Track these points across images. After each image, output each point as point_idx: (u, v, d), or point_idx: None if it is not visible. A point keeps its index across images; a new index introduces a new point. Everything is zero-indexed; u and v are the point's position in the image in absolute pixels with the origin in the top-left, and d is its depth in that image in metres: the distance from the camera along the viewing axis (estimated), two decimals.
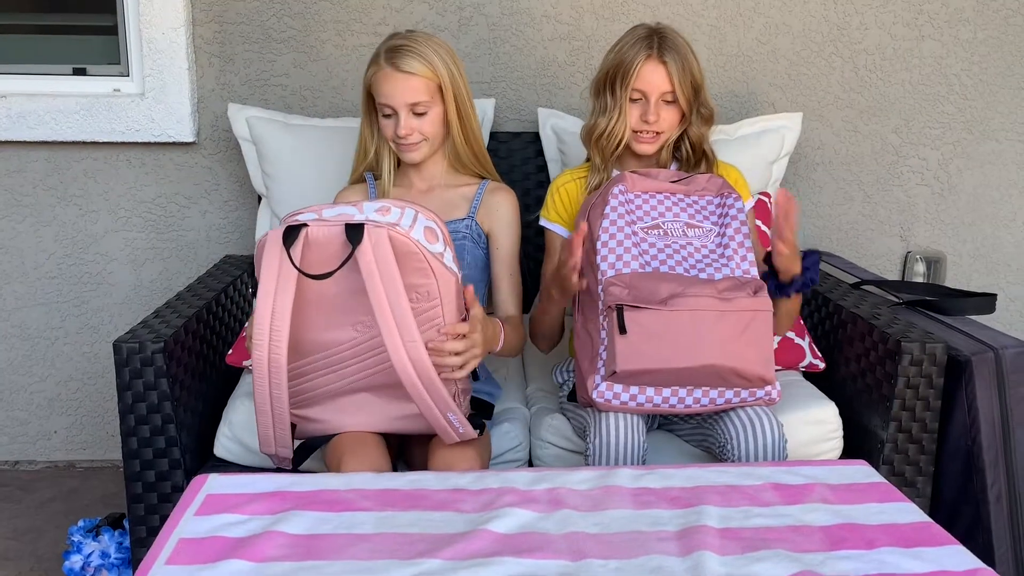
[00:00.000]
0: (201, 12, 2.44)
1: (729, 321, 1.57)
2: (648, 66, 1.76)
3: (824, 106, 2.56)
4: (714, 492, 1.35)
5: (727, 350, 1.57)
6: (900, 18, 2.52)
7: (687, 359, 1.56)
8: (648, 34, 1.79)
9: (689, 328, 1.56)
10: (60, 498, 2.48)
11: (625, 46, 1.80)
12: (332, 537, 1.23)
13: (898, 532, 1.25)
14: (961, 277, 2.67)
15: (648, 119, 1.78)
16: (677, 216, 1.70)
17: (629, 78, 1.77)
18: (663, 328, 1.56)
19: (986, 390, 1.81)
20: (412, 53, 1.77)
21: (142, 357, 1.72)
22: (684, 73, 1.77)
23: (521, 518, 1.27)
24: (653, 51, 1.76)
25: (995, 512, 1.81)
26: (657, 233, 1.68)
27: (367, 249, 1.43)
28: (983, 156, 2.61)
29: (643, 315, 1.56)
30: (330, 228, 1.45)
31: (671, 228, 1.69)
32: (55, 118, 2.43)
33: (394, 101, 1.77)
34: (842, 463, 1.50)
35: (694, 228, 1.70)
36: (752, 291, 1.60)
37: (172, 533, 1.25)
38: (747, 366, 1.58)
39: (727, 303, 1.57)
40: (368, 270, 1.43)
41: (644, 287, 1.59)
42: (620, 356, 1.56)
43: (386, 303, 1.43)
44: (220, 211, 2.55)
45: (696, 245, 1.68)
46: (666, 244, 1.67)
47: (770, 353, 1.62)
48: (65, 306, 2.58)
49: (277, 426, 1.54)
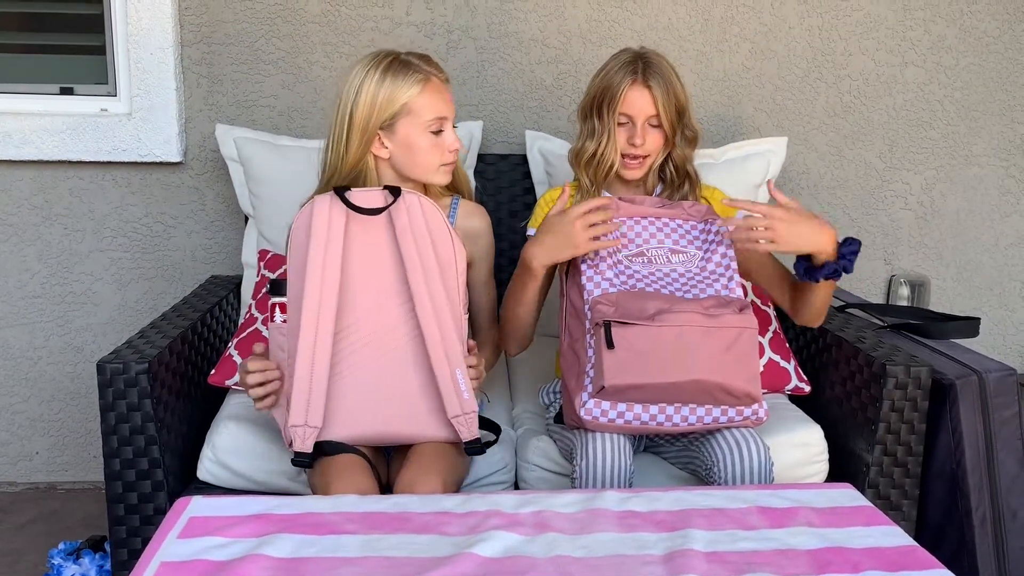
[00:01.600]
0: (190, 32, 2.45)
1: (715, 337, 1.58)
2: (634, 91, 1.78)
3: (809, 131, 2.59)
4: (700, 515, 1.34)
5: (714, 366, 1.58)
6: (883, 45, 2.55)
7: (674, 374, 1.57)
8: (633, 59, 1.81)
9: (676, 344, 1.57)
10: (41, 520, 2.45)
11: (611, 71, 1.82)
12: (316, 560, 1.22)
13: (883, 556, 1.25)
14: (945, 300, 2.69)
15: (635, 142, 1.79)
16: (661, 242, 1.72)
17: (616, 102, 1.79)
18: (650, 344, 1.57)
19: (970, 413, 1.82)
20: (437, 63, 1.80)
21: (126, 378, 1.71)
22: (668, 97, 1.79)
23: (507, 541, 1.26)
24: (638, 76, 1.78)
25: (980, 535, 1.82)
26: (641, 261, 1.70)
27: (402, 207, 1.63)
28: (966, 181, 2.64)
29: (630, 331, 1.57)
30: (371, 190, 1.66)
31: (655, 255, 1.71)
32: (41, 137, 2.43)
33: (450, 111, 1.77)
34: (827, 486, 1.51)
35: (678, 254, 1.71)
36: (737, 309, 1.61)
37: (154, 556, 1.24)
38: (734, 382, 1.59)
39: (713, 319, 1.58)
40: (401, 223, 1.63)
41: (631, 304, 1.60)
42: (608, 371, 1.56)
43: (415, 250, 1.62)
44: (206, 231, 2.54)
45: (680, 271, 1.70)
46: (649, 272, 1.69)
47: (756, 371, 1.63)
48: (49, 326, 2.56)
49: (315, 381, 1.59)
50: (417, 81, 1.72)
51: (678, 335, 1.57)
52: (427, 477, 1.59)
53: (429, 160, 1.76)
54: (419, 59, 1.76)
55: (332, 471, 1.60)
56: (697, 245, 1.72)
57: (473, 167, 2.36)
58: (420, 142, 1.74)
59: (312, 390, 1.59)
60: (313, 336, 1.58)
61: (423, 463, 1.62)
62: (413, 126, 1.73)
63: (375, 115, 1.72)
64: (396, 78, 1.72)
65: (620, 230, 1.70)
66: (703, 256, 1.71)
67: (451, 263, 1.65)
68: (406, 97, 1.71)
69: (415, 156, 1.75)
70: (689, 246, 1.72)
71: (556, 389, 1.91)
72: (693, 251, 1.71)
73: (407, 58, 1.75)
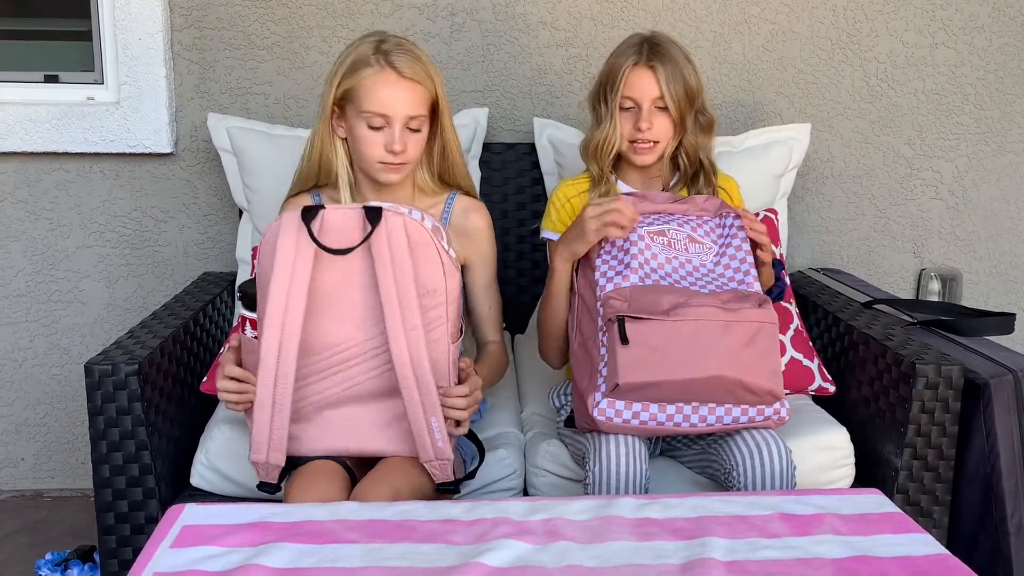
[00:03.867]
0: (180, 17, 2.46)
1: (734, 332, 1.58)
2: (636, 72, 1.81)
3: (833, 116, 2.58)
4: (719, 523, 1.34)
5: (733, 361, 1.58)
6: (912, 25, 2.54)
7: (692, 370, 1.57)
8: (640, 41, 1.84)
9: (693, 338, 1.57)
10: (26, 529, 2.46)
11: (616, 55, 1.85)
12: (316, 571, 1.22)
13: (914, 565, 1.24)
14: (978, 295, 2.68)
15: (641, 126, 1.81)
16: (680, 227, 1.73)
17: (618, 85, 1.82)
18: (666, 339, 1.57)
19: (1005, 415, 1.81)
20: (414, 59, 1.69)
21: (115, 380, 1.72)
22: (674, 79, 1.80)
23: (516, 550, 1.27)
24: (642, 57, 1.81)
25: (1015, 543, 1.82)
26: (662, 241, 1.70)
27: (382, 233, 1.50)
28: (1000, 169, 2.63)
29: (645, 326, 1.57)
30: (347, 211, 1.53)
31: (675, 238, 1.71)
32: (25, 127, 2.44)
33: (393, 110, 1.67)
34: (854, 492, 1.50)
35: (696, 243, 1.72)
36: (756, 303, 1.62)
37: (146, 567, 1.24)
38: (754, 379, 1.59)
39: (732, 313, 1.59)
40: (380, 253, 1.50)
41: (644, 299, 1.61)
42: (622, 368, 1.57)
43: (393, 288, 1.50)
44: (199, 226, 2.55)
45: (695, 263, 1.71)
46: (667, 258, 1.69)
47: (778, 367, 1.64)
48: (34, 325, 2.57)
49: (276, 423, 1.53)
50: (371, 68, 1.67)
51: (695, 329, 1.57)
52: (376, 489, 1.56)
53: (368, 153, 1.70)
54: (393, 46, 1.70)
55: (301, 477, 1.60)
56: (712, 239, 1.73)
57: (478, 157, 2.36)
58: (358, 131, 1.70)
59: (273, 428, 1.54)
60: (272, 378, 1.51)
61: (377, 473, 1.61)
62: (354, 112, 1.70)
63: (331, 94, 1.72)
64: (356, 57, 1.69)
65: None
66: (718, 250, 1.72)
67: (439, 290, 1.54)
68: (355, 80, 1.68)
69: (357, 147, 1.73)
70: (705, 238, 1.73)
71: (567, 391, 1.91)
72: (709, 243, 1.72)
73: (385, 46, 1.70)
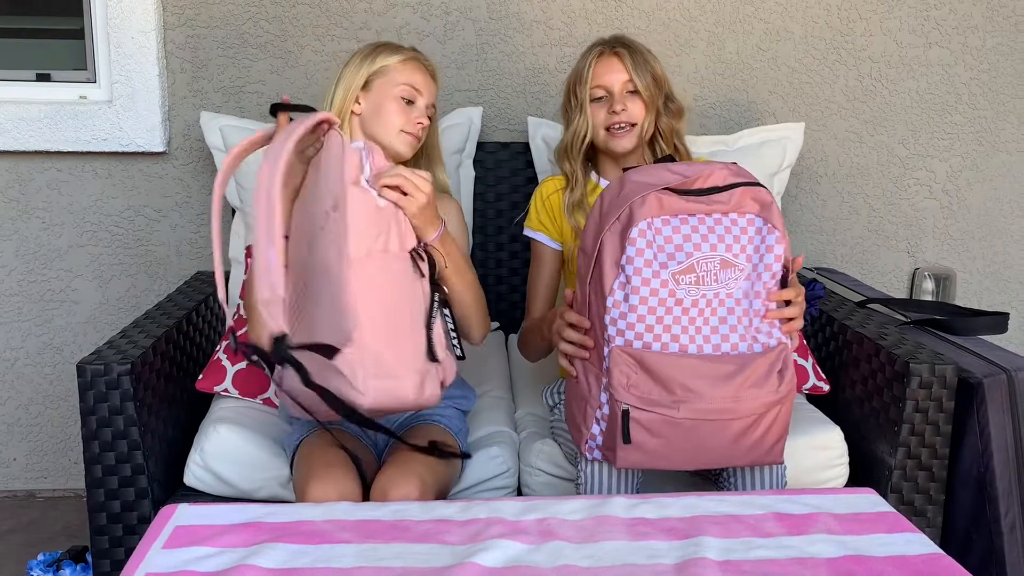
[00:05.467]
0: (173, 15, 2.45)
1: (745, 424, 1.50)
2: (603, 61, 1.88)
3: (827, 116, 2.58)
4: (713, 522, 1.34)
5: (739, 451, 1.53)
6: (906, 24, 2.55)
7: (694, 463, 1.56)
8: (601, 41, 1.92)
9: (699, 436, 1.50)
10: (19, 530, 2.46)
11: (581, 57, 1.93)
12: (310, 571, 1.22)
13: (907, 564, 1.25)
14: (972, 295, 2.68)
15: (616, 108, 1.85)
16: (714, 248, 1.48)
17: (586, 76, 1.87)
18: (671, 434, 1.50)
19: (999, 414, 1.82)
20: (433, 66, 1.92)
21: (107, 380, 1.72)
22: (641, 65, 1.87)
23: (510, 550, 1.27)
24: (607, 47, 1.89)
25: (1009, 543, 1.82)
26: (689, 280, 1.48)
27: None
28: (994, 168, 2.63)
29: (650, 418, 1.49)
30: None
31: (705, 271, 1.48)
32: (17, 126, 2.43)
33: (425, 90, 1.86)
34: (848, 491, 1.50)
35: (728, 267, 1.49)
36: (779, 374, 1.50)
37: (138, 567, 1.24)
38: (759, 459, 1.55)
39: (745, 404, 1.48)
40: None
41: (655, 375, 1.48)
42: (621, 460, 1.53)
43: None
44: (191, 225, 2.54)
45: (722, 296, 1.49)
46: (693, 302, 1.48)
47: (785, 432, 1.55)
48: (26, 325, 2.57)
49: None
50: (400, 54, 1.87)
51: (703, 427, 1.49)
52: (403, 481, 1.58)
53: (392, 121, 1.83)
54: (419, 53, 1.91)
55: (314, 468, 1.61)
56: (748, 254, 1.49)
57: (472, 155, 2.36)
58: (389, 103, 1.84)
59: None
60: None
61: (400, 466, 1.62)
62: (386, 85, 1.85)
63: (357, 78, 1.86)
64: (382, 51, 1.88)
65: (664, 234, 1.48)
66: (750, 271, 1.50)
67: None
68: (385, 61, 1.86)
69: (381, 116, 1.84)
70: (740, 254, 1.49)
71: (560, 389, 1.91)
72: (743, 263, 1.49)
73: (407, 47, 1.90)
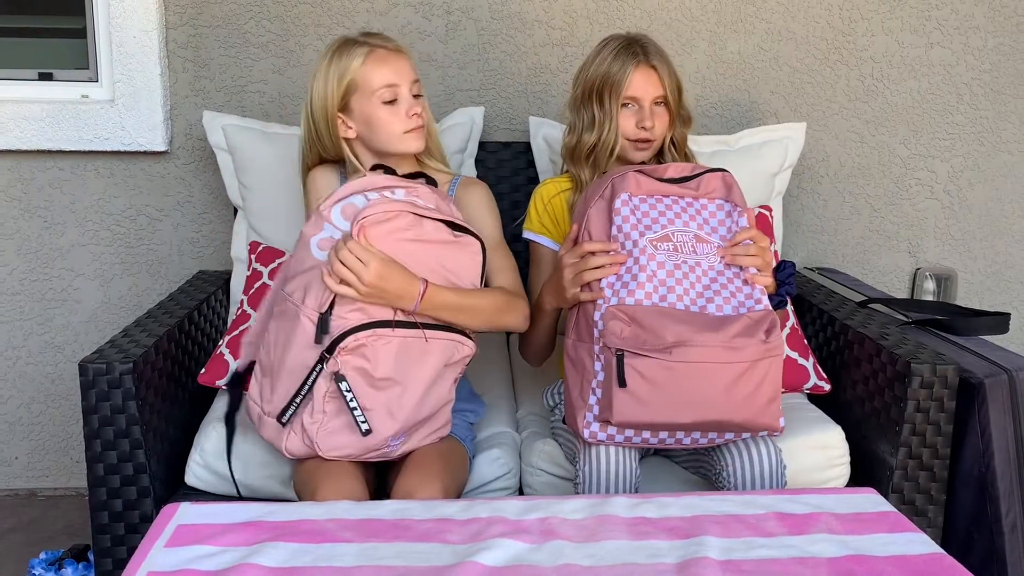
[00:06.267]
0: (175, 15, 2.45)
1: (737, 371, 1.53)
2: (639, 73, 1.83)
3: (829, 116, 2.58)
4: (714, 522, 1.35)
5: (734, 405, 1.54)
6: (908, 24, 2.55)
7: (689, 414, 1.55)
8: (628, 43, 1.86)
9: (694, 382, 1.53)
10: (20, 528, 2.46)
11: (607, 58, 1.86)
12: (311, 570, 1.22)
13: (909, 564, 1.25)
14: (973, 295, 2.68)
15: (645, 125, 1.83)
16: (687, 224, 1.64)
17: (621, 87, 1.83)
18: (665, 379, 1.52)
19: (1000, 414, 1.82)
20: (386, 37, 1.83)
21: (109, 378, 1.72)
22: (672, 76, 1.86)
23: (511, 549, 1.27)
24: (641, 58, 1.84)
25: (1010, 542, 1.82)
26: (667, 247, 1.61)
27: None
28: (995, 168, 2.63)
29: (644, 363, 1.52)
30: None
31: (681, 242, 1.62)
32: (19, 125, 2.43)
33: (399, 78, 1.78)
34: (849, 491, 1.51)
35: (703, 243, 1.63)
36: (765, 332, 1.56)
37: (140, 566, 1.24)
38: (753, 418, 1.56)
39: (736, 352, 1.53)
40: None
41: (648, 325, 1.54)
42: (618, 410, 1.54)
43: None
44: (193, 224, 2.54)
45: (704, 267, 1.62)
46: (675, 265, 1.60)
47: (777, 395, 1.59)
48: (28, 324, 2.57)
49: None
50: (358, 55, 1.78)
51: (696, 372, 1.52)
52: (427, 484, 1.59)
53: (391, 130, 1.79)
54: (365, 36, 1.83)
55: (319, 473, 1.60)
56: (721, 233, 1.64)
57: (474, 155, 2.36)
58: (376, 114, 1.79)
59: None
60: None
61: (423, 469, 1.62)
62: (365, 100, 1.79)
63: (329, 100, 1.80)
64: (340, 59, 1.80)
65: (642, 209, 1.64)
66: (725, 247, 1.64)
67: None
68: (350, 74, 1.78)
69: (376, 130, 1.80)
70: (713, 234, 1.64)
71: (560, 390, 1.91)
72: (716, 240, 1.64)
73: (352, 37, 1.83)
